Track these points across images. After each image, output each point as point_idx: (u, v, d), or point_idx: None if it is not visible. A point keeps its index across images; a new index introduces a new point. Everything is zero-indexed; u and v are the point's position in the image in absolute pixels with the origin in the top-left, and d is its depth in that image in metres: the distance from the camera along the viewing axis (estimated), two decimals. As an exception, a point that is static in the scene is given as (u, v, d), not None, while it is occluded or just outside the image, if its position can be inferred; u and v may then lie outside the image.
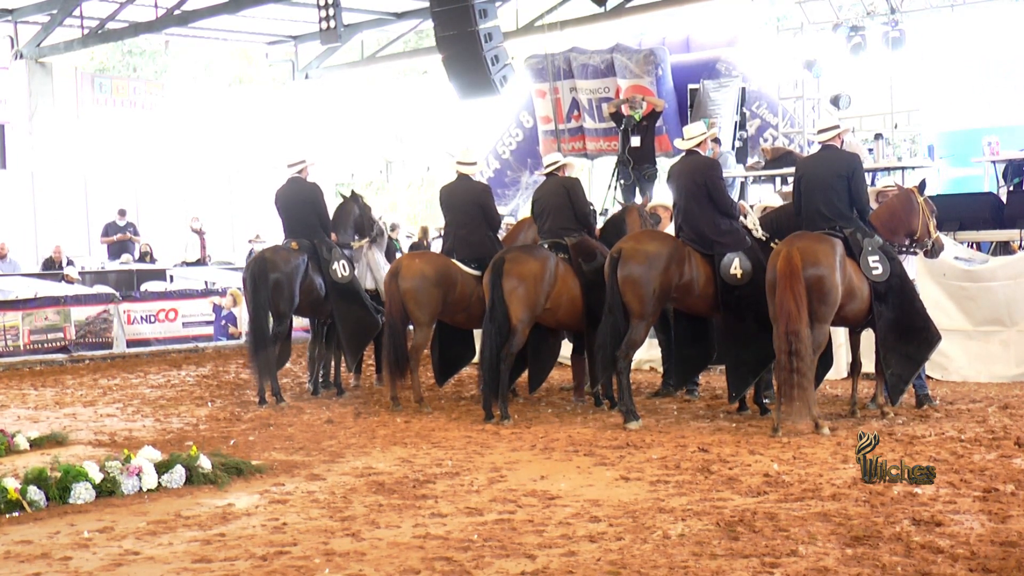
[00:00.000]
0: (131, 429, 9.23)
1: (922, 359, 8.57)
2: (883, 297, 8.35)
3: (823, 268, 8.03)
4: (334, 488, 6.66)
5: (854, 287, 8.27)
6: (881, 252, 8.39)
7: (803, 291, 7.90)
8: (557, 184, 9.71)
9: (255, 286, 10.28)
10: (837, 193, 8.45)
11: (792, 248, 8.07)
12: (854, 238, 8.38)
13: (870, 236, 8.43)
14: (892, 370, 8.41)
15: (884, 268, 8.33)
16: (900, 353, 8.38)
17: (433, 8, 17.10)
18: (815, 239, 8.27)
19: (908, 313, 8.39)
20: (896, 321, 8.37)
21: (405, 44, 26.78)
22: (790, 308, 7.89)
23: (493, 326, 9.01)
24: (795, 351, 7.83)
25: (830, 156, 8.69)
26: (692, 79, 18.04)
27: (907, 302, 8.41)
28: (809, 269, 7.98)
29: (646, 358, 11.61)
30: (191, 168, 25.03)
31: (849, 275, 8.23)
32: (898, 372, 8.41)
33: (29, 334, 14.47)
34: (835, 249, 8.18)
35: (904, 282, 8.46)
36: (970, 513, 5.68)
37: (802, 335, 7.84)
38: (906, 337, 8.39)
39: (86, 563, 5.20)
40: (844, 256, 8.24)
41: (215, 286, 16.66)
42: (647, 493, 6.33)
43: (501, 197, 20.16)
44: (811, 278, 7.98)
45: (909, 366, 8.44)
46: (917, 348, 8.43)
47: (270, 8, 21.71)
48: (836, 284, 8.07)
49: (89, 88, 24.40)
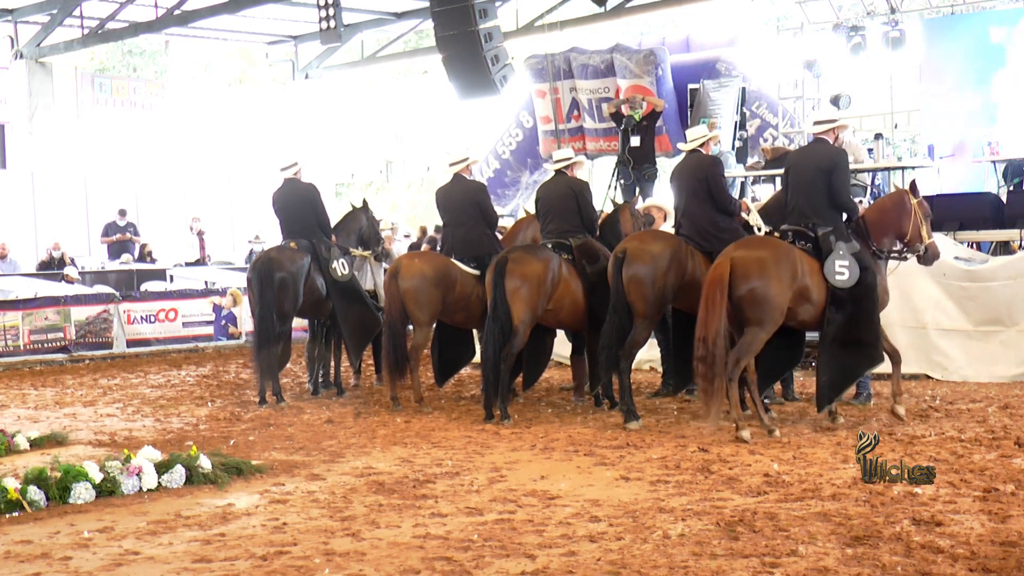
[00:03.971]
0: (131, 429, 9.23)
1: (858, 374, 8.38)
2: (840, 303, 8.10)
3: (754, 280, 7.90)
4: (334, 488, 6.66)
5: (807, 291, 8.09)
6: (853, 259, 8.12)
7: (719, 301, 7.85)
8: (565, 186, 9.61)
9: (261, 285, 10.29)
10: (817, 189, 8.29)
11: (725, 258, 8.04)
12: (826, 239, 8.18)
13: (847, 240, 8.19)
14: (826, 377, 8.21)
15: (850, 275, 8.08)
16: (839, 362, 8.16)
17: (433, 8, 17.11)
18: (756, 246, 8.18)
19: (861, 325, 8.12)
20: (846, 330, 8.12)
21: (405, 44, 26.80)
22: (702, 316, 7.92)
23: (495, 326, 9.00)
24: (702, 357, 7.85)
25: (816, 150, 8.51)
26: (692, 79, 18.04)
27: (864, 314, 8.12)
28: (739, 282, 7.91)
29: (646, 358, 11.61)
30: (191, 168, 25.05)
31: (801, 279, 8.05)
32: (831, 380, 8.20)
33: (29, 334, 14.47)
34: (776, 257, 8.00)
35: (869, 294, 8.13)
36: (970, 513, 5.68)
37: (708, 343, 7.82)
38: (850, 348, 8.14)
39: (86, 563, 5.20)
40: (796, 261, 8.05)
41: (215, 286, 16.67)
42: (647, 493, 6.33)
43: (501, 197, 20.18)
44: (742, 290, 7.91)
45: (844, 377, 8.24)
46: (856, 362, 8.20)
47: (270, 8, 21.74)
48: (772, 293, 7.91)
49: (89, 88, 24.42)
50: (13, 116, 22.91)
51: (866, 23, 17.64)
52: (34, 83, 22.57)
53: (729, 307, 7.94)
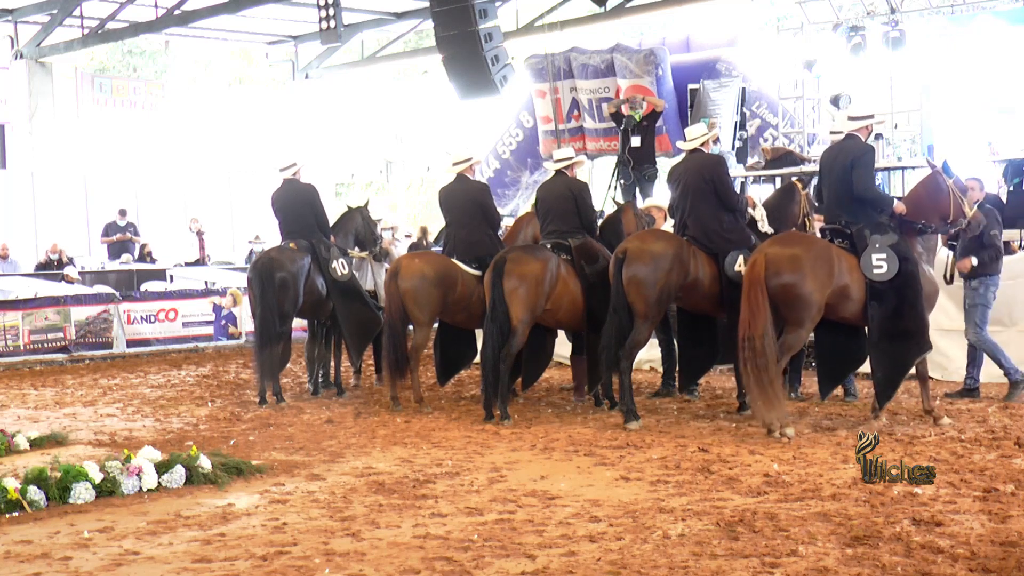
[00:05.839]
0: (131, 429, 9.23)
1: (909, 364, 8.29)
2: (881, 297, 8.11)
3: (786, 276, 7.92)
4: (334, 488, 6.66)
5: (847, 288, 8.10)
6: (890, 251, 8.08)
7: (761, 299, 7.86)
8: (564, 187, 9.60)
9: (262, 285, 10.29)
10: (846, 186, 8.30)
11: (760, 254, 8.07)
12: (860, 235, 8.18)
13: (882, 232, 8.15)
14: (881, 373, 8.23)
15: (889, 268, 8.05)
16: (890, 356, 8.17)
17: (433, 8, 17.11)
18: (788, 243, 8.20)
19: (905, 316, 8.11)
20: (892, 323, 8.11)
21: (405, 44, 26.79)
22: (745, 315, 7.93)
23: (494, 326, 9.00)
24: (748, 357, 7.86)
25: (844, 147, 8.44)
26: (692, 79, 18.04)
27: (907, 304, 8.11)
28: (772, 279, 7.92)
29: (646, 358, 11.60)
30: (191, 168, 25.05)
31: (839, 277, 8.06)
32: (887, 376, 8.22)
33: (29, 334, 14.47)
34: (811, 254, 8.01)
35: (910, 283, 8.08)
36: (970, 513, 5.68)
37: (756, 343, 7.84)
38: (898, 340, 8.12)
39: (86, 563, 5.20)
40: (832, 258, 8.06)
41: (215, 286, 16.67)
42: (647, 493, 6.33)
43: (501, 197, 20.17)
44: (775, 287, 7.93)
45: (897, 370, 8.23)
46: (906, 352, 8.17)
47: (270, 8, 21.74)
48: (806, 291, 7.94)
49: (89, 88, 24.41)
50: (13, 116, 22.91)
51: (866, 23, 17.63)
52: (34, 83, 22.58)
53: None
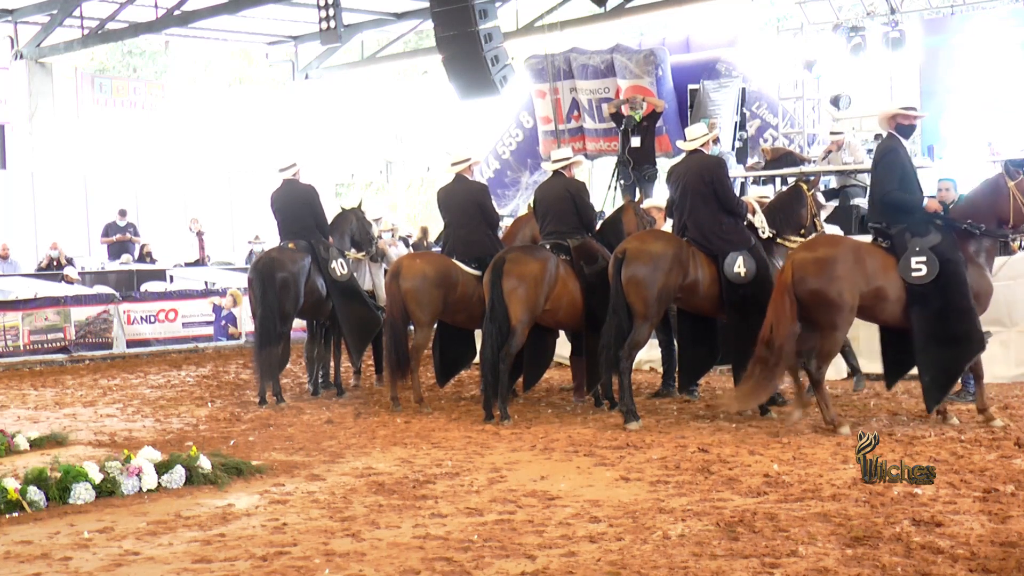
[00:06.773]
0: (131, 429, 9.23)
1: (961, 367, 8.12)
2: (923, 300, 7.93)
3: (813, 281, 7.92)
4: (334, 488, 6.66)
5: (882, 290, 8.00)
6: (931, 253, 7.93)
7: (788, 307, 7.90)
8: (561, 187, 9.61)
9: (263, 286, 10.29)
10: (875, 188, 8.34)
11: (789, 260, 8.12)
12: (900, 236, 8.06)
13: (922, 234, 8.02)
14: (929, 377, 8.05)
15: (928, 270, 7.90)
16: (939, 360, 7.99)
17: (433, 8, 17.11)
18: (815, 247, 8.22)
19: (951, 319, 7.92)
20: (939, 326, 7.94)
21: (405, 44, 26.78)
22: (770, 318, 7.99)
23: (493, 326, 9.00)
24: (761, 356, 7.92)
25: (877, 148, 8.49)
26: (692, 79, 18.05)
27: (952, 307, 7.91)
28: (799, 284, 7.94)
29: (646, 358, 11.61)
30: (191, 168, 25.04)
31: (873, 279, 7.99)
32: (935, 379, 8.04)
33: (29, 334, 14.48)
34: (839, 257, 7.97)
35: (955, 285, 7.91)
36: (970, 513, 5.68)
37: (774, 347, 7.89)
38: (947, 344, 7.95)
39: (86, 563, 5.20)
40: (865, 260, 8.00)
41: (215, 286, 16.68)
42: (647, 493, 6.33)
43: (501, 197, 20.18)
44: (803, 293, 7.95)
45: (947, 374, 8.06)
46: (956, 356, 7.98)
47: (270, 8, 21.73)
48: (834, 294, 7.91)
49: (89, 88, 24.41)
50: (13, 116, 22.91)
51: (866, 23, 17.65)
52: (34, 83, 22.57)
53: (799, 309, 7.96)
